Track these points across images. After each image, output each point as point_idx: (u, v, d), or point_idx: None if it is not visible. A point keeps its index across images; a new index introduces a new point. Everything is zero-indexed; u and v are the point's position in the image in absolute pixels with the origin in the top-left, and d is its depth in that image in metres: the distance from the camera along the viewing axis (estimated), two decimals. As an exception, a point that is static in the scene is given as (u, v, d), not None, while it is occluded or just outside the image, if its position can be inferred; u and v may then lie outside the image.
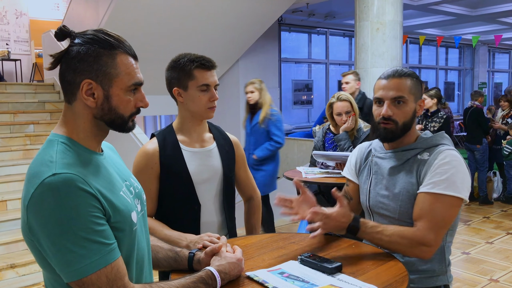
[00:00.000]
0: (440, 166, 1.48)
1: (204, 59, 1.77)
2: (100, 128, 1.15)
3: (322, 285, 1.24)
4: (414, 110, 1.58)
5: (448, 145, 1.56)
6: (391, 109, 1.55)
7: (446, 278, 1.60)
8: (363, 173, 1.71)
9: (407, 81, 1.56)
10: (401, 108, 1.55)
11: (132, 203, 1.18)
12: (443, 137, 1.60)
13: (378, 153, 1.66)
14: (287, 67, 10.62)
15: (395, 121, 1.55)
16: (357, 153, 1.78)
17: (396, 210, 1.56)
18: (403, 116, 1.55)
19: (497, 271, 4.09)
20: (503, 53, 16.85)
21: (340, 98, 3.27)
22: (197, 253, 1.39)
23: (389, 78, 1.58)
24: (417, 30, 11.73)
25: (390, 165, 1.60)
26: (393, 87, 1.55)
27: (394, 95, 1.55)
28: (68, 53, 1.09)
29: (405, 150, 1.58)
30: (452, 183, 1.45)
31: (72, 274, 1.00)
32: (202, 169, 1.83)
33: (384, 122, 1.57)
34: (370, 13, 5.55)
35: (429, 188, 1.47)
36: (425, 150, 1.56)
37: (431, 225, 1.44)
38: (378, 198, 1.61)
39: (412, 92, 1.56)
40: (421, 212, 1.47)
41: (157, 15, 6.02)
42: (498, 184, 6.76)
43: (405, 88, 1.55)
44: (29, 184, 1.03)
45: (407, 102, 1.55)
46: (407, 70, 1.60)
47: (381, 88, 1.58)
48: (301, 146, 7.86)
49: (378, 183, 1.63)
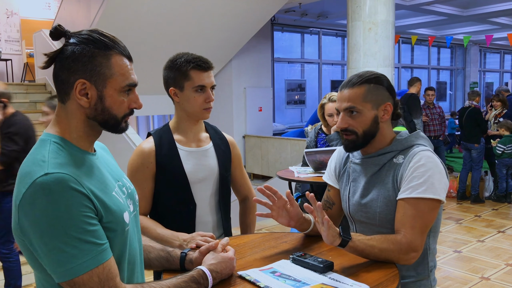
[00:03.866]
0: (416, 169, 1.45)
1: (200, 60, 1.77)
2: (93, 128, 1.15)
3: (314, 284, 1.25)
4: (374, 117, 1.53)
5: (423, 145, 1.53)
6: (345, 120, 1.53)
7: (429, 282, 1.57)
8: (342, 179, 1.68)
9: (360, 89, 1.51)
10: (356, 118, 1.52)
11: (124, 203, 1.18)
12: (418, 137, 1.57)
13: (356, 159, 1.63)
14: (280, 67, 10.64)
15: (353, 132, 1.53)
16: (336, 158, 1.75)
17: (376, 217, 1.53)
18: (360, 125, 1.52)
19: (488, 269, 4.12)
20: (494, 53, 16.99)
21: (332, 99, 3.29)
22: (189, 253, 1.39)
23: (342, 89, 1.56)
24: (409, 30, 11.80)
25: (367, 171, 1.57)
26: (345, 98, 1.52)
27: (345, 106, 1.53)
28: (62, 53, 1.09)
29: (380, 155, 1.56)
30: (430, 186, 1.43)
31: (64, 274, 1.00)
32: (198, 169, 1.83)
33: (344, 133, 1.56)
34: (362, 13, 5.57)
35: (408, 193, 1.44)
36: (400, 153, 1.52)
37: (416, 231, 1.41)
38: (358, 206, 1.58)
39: (367, 100, 1.51)
40: (403, 218, 1.44)
41: (149, 15, 6.01)
42: (489, 183, 6.82)
43: (357, 97, 1.51)
44: (20, 184, 1.02)
45: (361, 111, 1.51)
46: (366, 76, 1.53)
47: (338, 99, 1.57)
48: (294, 146, 7.87)
49: (356, 191, 1.59)
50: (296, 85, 10.74)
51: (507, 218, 5.82)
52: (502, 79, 17.06)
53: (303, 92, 10.86)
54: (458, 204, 6.50)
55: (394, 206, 1.48)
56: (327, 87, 11.32)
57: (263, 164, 8.54)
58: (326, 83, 11.40)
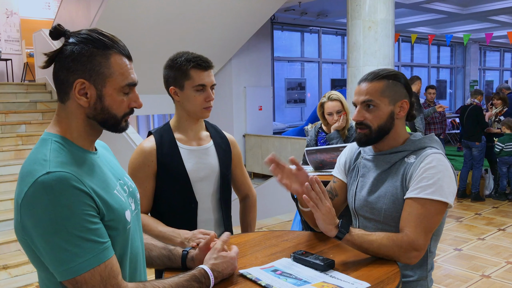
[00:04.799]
0: (427, 170, 1.45)
1: (201, 59, 1.77)
2: (93, 128, 1.15)
3: (315, 282, 1.25)
4: (390, 112, 1.53)
5: (436, 148, 1.53)
6: (362, 114, 1.53)
7: (427, 283, 1.58)
8: (351, 174, 1.69)
9: (379, 84, 1.52)
10: (373, 112, 1.52)
11: (126, 201, 1.18)
12: (432, 140, 1.57)
13: (367, 155, 1.64)
14: (280, 66, 10.64)
15: (368, 126, 1.53)
16: (347, 153, 1.75)
17: (381, 214, 1.53)
18: (375, 120, 1.52)
19: (488, 267, 4.12)
20: (494, 51, 16.98)
21: (331, 97, 3.28)
22: (190, 251, 1.39)
23: (361, 82, 1.56)
24: (409, 28, 11.80)
25: (377, 168, 1.58)
26: (364, 91, 1.53)
27: (363, 99, 1.53)
28: (62, 52, 1.09)
29: (392, 153, 1.56)
30: (439, 188, 1.43)
31: (66, 272, 1.00)
32: (199, 167, 1.83)
33: (358, 127, 1.56)
34: (362, 11, 5.57)
35: (417, 193, 1.44)
36: (412, 153, 1.53)
37: (420, 230, 1.41)
38: (364, 202, 1.59)
39: (385, 95, 1.52)
40: (409, 217, 1.44)
41: (149, 15, 6.00)
42: (490, 181, 6.82)
43: (375, 91, 1.51)
44: (22, 183, 1.03)
45: (378, 105, 1.52)
46: (384, 72, 1.55)
47: (355, 93, 1.57)
48: (295, 145, 7.88)
49: (364, 186, 1.60)
50: (296, 84, 10.74)
51: (508, 216, 5.82)
52: (502, 77, 17.05)
53: (303, 91, 10.86)
54: (458, 202, 6.50)
55: (401, 204, 1.49)
56: (327, 86, 11.32)
57: (263, 163, 8.51)
58: (326, 82, 11.40)
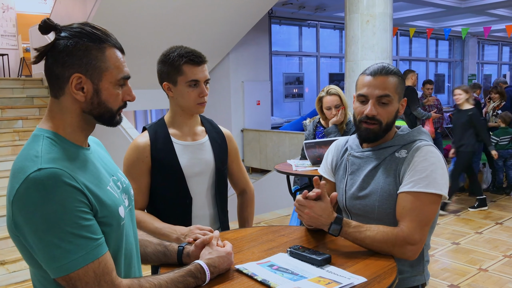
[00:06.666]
0: (420, 164, 1.43)
1: (193, 54, 1.75)
2: (87, 123, 1.14)
3: (311, 277, 1.24)
4: (397, 110, 1.52)
5: (425, 140, 1.52)
6: (376, 109, 1.48)
7: (423, 277, 1.57)
8: (339, 171, 1.66)
9: (393, 79, 1.49)
10: (386, 107, 1.48)
11: (119, 198, 1.17)
12: (420, 132, 1.55)
13: (355, 152, 1.60)
14: (278, 60, 10.60)
15: (379, 121, 1.49)
16: (333, 151, 1.72)
17: (374, 210, 1.51)
18: (386, 116, 1.49)
19: (486, 261, 4.13)
20: (492, 45, 16.96)
21: (330, 92, 3.27)
22: (186, 247, 1.38)
23: (375, 75, 1.49)
24: (407, 22, 11.77)
25: (367, 164, 1.55)
26: (379, 85, 1.47)
27: (380, 94, 1.47)
28: (55, 47, 1.07)
29: (382, 148, 1.53)
30: (432, 180, 1.41)
31: (59, 269, 0.99)
32: (194, 163, 1.82)
33: (367, 122, 1.50)
34: (360, 5, 5.55)
35: (410, 187, 1.43)
36: (402, 147, 1.51)
37: (415, 224, 1.40)
38: (355, 199, 1.56)
39: (397, 91, 1.50)
40: (403, 211, 1.43)
41: (146, 9, 5.97)
42: (487, 175, 6.83)
43: (391, 86, 1.48)
44: (14, 180, 1.01)
45: (392, 101, 1.49)
46: (393, 68, 1.52)
47: (366, 85, 1.50)
48: (293, 140, 7.87)
49: (354, 184, 1.57)
50: (294, 78, 10.71)
51: (505, 210, 5.83)
52: (500, 71, 17.05)
53: (301, 86, 10.83)
54: (456, 196, 6.51)
55: (394, 200, 1.48)
56: (325, 80, 11.29)
57: (261, 158, 8.54)
58: (324, 76, 11.38)
